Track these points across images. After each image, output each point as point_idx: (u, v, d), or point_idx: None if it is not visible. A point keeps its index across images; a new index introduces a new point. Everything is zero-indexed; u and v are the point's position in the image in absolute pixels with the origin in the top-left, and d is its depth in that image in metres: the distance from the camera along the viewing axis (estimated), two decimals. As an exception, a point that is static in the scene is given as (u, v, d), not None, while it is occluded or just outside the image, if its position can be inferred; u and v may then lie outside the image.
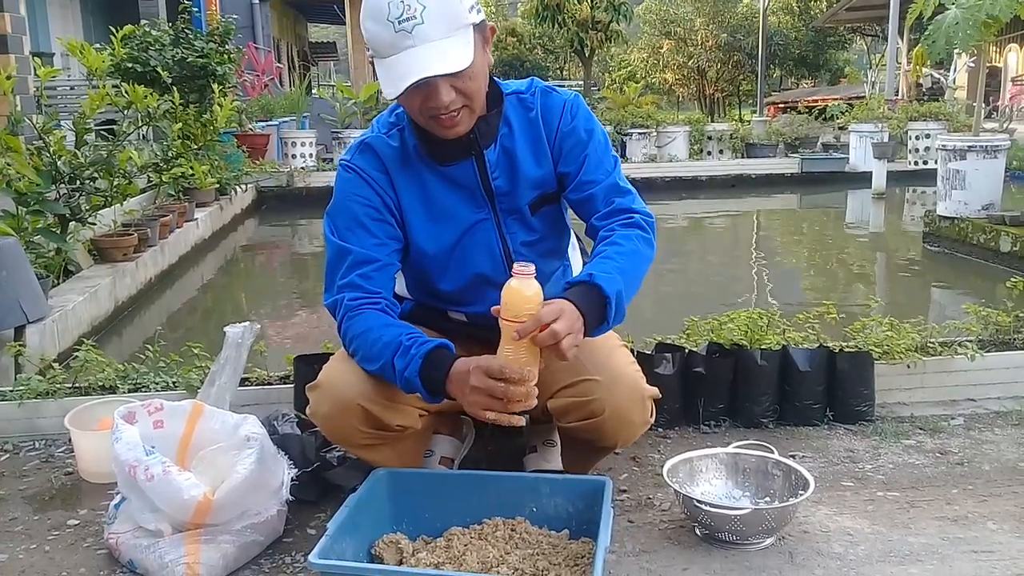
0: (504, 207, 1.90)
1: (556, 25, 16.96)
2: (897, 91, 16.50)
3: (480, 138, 1.83)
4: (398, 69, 1.64)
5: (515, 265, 1.64)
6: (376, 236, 1.84)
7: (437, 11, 1.61)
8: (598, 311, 1.69)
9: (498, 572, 1.67)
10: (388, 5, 1.61)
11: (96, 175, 5.26)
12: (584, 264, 2.17)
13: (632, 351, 2.37)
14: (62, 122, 5.74)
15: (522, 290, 1.62)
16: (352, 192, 1.86)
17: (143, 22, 9.15)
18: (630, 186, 1.93)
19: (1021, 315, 2.94)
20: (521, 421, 1.64)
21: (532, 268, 1.63)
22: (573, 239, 2.15)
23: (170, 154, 6.56)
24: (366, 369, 1.78)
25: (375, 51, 1.68)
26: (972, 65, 14.67)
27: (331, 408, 1.82)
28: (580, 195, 1.90)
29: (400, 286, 2.09)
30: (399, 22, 1.61)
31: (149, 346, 2.99)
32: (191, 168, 6.80)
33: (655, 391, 1.90)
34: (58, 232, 4.93)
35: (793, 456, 2.33)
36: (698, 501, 1.89)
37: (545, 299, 2.03)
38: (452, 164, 1.85)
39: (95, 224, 5.51)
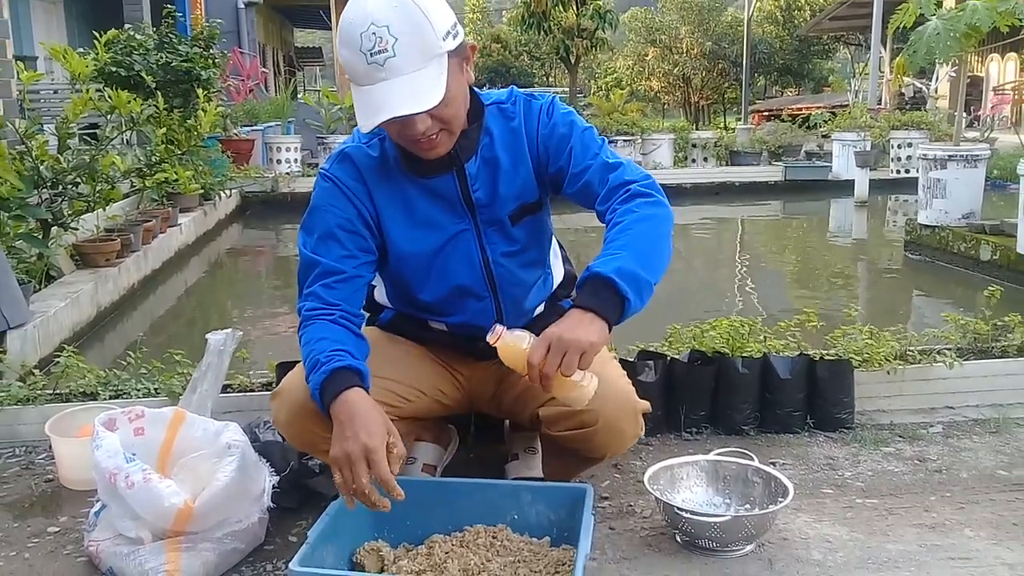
0: (484, 218, 1.90)
1: (542, 32, 17.00)
2: (880, 100, 16.66)
3: (460, 152, 1.83)
4: (371, 103, 1.63)
5: (488, 337, 1.66)
6: (346, 248, 1.84)
7: (409, 43, 1.60)
8: (608, 295, 1.64)
9: (479, 579, 1.67)
10: (360, 36, 1.59)
11: (79, 180, 5.24)
12: (565, 271, 2.18)
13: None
14: (45, 126, 5.70)
15: (517, 344, 1.64)
16: (328, 202, 1.86)
17: (127, 26, 9.11)
18: (620, 158, 1.88)
19: (999, 323, 2.97)
20: (353, 506, 1.64)
21: (499, 328, 1.65)
22: (555, 246, 2.15)
23: (154, 159, 6.54)
24: None
25: (351, 77, 1.67)
26: (953, 75, 14.80)
27: (288, 415, 1.84)
28: (576, 186, 1.87)
29: (381, 295, 2.10)
30: (371, 54, 1.60)
31: (131, 352, 2.98)
32: (175, 173, 6.77)
33: (646, 405, 1.91)
34: (40, 237, 4.91)
35: (773, 463, 2.34)
36: (679, 508, 1.90)
37: (533, 304, 2.05)
38: (432, 177, 1.86)
39: (77, 229, 5.49)
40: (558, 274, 2.14)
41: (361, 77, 1.64)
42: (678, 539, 1.96)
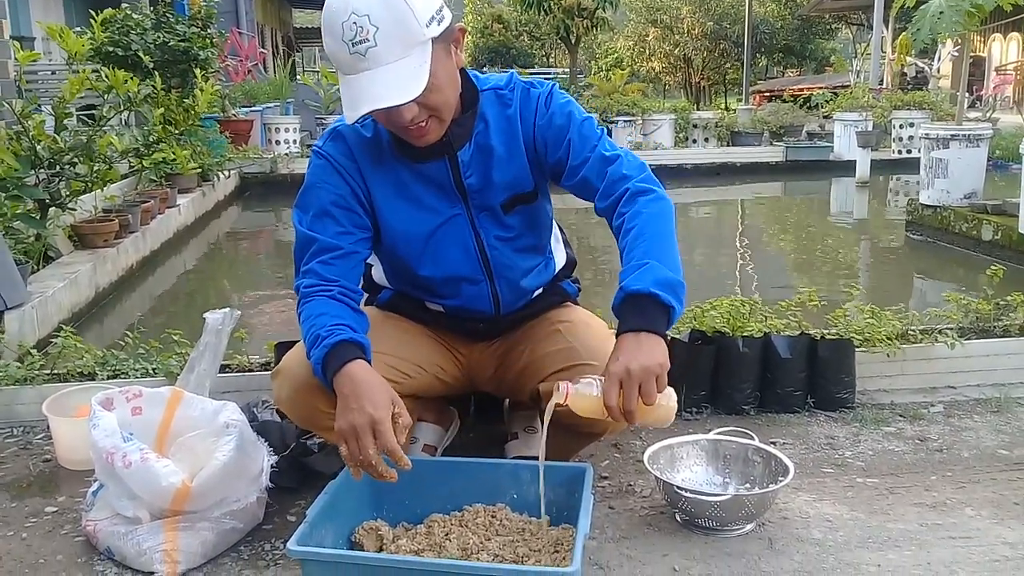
0: (476, 203, 1.88)
1: (542, 12, 16.91)
2: (882, 80, 16.55)
3: (454, 139, 1.81)
4: (355, 93, 1.62)
5: (555, 398, 1.64)
6: (341, 224, 1.83)
7: (391, 33, 1.57)
8: (654, 310, 1.65)
9: (478, 559, 1.67)
10: (342, 26, 1.58)
11: (76, 160, 5.21)
12: (567, 256, 2.17)
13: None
14: (42, 107, 5.66)
15: (588, 394, 1.63)
16: (322, 179, 1.85)
17: (124, 5, 9.05)
18: (617, 149, 1.87)
19: (1001, 303, 2.95)
20: (359, 477, 1.64)
21: (563, 386, 1.64)
22: (556, 231, 2.13)
23: (151, 139, 6.52)
24: None
25: (336, 66, 1.66)
26: (956, 54, 14.70)
27: (290, 392, 1.84)
28: (574, 180, 1.86)
29: (379, 275, 2.09)
30: (353, 44, 1.58)
31: (129, 333, 2.97)
32: (173, 153, 6.75)
33: None
34: (38, 218, 4.88)
35: (774, 443, 2.34)
36: (679, 487, 1.89)
37: (532, 287, 2.03)
38: (424, 162, 1.84)
39: (75, 210, 5.46)
40: (560, 259, 2.13)
41: (344, 66, 1.62)
42: (678, 518, 1.95)
